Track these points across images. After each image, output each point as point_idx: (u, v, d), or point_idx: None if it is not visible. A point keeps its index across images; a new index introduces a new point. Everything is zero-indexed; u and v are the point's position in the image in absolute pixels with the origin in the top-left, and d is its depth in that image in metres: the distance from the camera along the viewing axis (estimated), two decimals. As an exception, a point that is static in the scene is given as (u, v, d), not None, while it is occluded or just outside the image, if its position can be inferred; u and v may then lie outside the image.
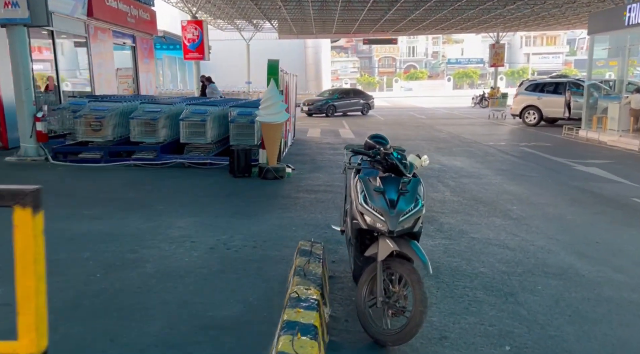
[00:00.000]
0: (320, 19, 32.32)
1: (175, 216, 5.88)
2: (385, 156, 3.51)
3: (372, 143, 4.47)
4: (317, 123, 20.69)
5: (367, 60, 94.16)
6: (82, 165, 8.82)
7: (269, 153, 8.44)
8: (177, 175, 8.42)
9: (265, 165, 8.40)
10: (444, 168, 9.93)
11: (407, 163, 3.55)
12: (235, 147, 8.55)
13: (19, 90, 8.80)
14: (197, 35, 20.84)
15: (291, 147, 12.67)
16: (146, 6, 17.64)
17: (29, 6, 8.40)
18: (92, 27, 13.85)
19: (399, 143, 14.54)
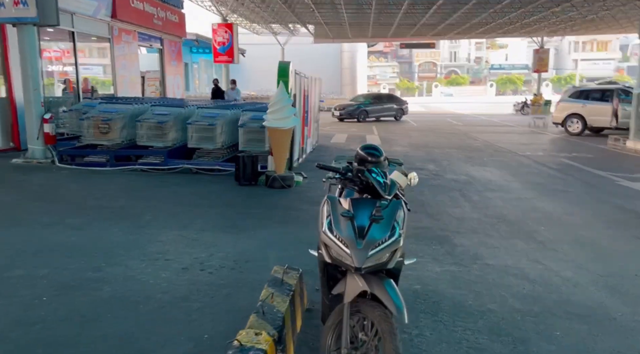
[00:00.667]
0: (355, 23, 31.75)
1: (160, 229, 5.43)
2: (358, 172, 2.90)
3: (363, 154, 3.84)
4: (346, 129, 20.09)
5: (407, 65, 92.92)
6: (87, 169, 8.54)
7: (276, 160, 7.93)
8: (180, 181, 8.01)
9: (272, 173, 7.88)
10: (470, 180, 9.16)
11: (388, 182, 2.92)
12: (242, 153, 8.08)
13: (28, 90, 8.62)
14: (227, 38, 20.64)
15: (311, 153, 12.13)
16: (174, 8, 17.53)
17: (37, 5, 8.20)
18: (116, 28, 13.75)
19: (426, 152, 13.84)
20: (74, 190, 7.20)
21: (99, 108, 9.11)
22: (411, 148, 13.86)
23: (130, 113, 9.10)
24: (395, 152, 12.93)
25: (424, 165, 10.91)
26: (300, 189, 7.93)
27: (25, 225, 5.41)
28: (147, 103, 9.65)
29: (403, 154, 12.60)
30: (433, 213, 6.69)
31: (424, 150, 13.63)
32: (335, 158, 4.16)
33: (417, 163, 11.08)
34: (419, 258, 4.88)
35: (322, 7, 26.71)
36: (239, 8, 26.39)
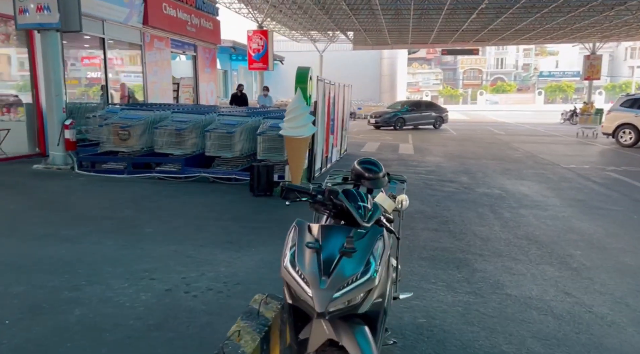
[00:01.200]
0: (395, 29, 31.19)
1: (157, 243, 5.13)
2: (330, 194, 2.47)
3: (360, 169, 3.41)
4: (380, 137, 19.55)
5: (451, 72, 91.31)
6: (104, 176, 8.43)
7: (292, 170, 7.55)
8: (193, 191, 7.76)
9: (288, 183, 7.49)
10: (503, 195, 8.50)
11: (368, 206, 2.46)
12: (258, 162, 7.75)
13: (50, 96, 8.62)
14: (262, 45, 20.55)
15: (337, 162, 11.70)
16: (209, 15, 17.55)
17: (60, 11, 8.17)
18: (148, 35, 13.80)
19: (460, 162, 13.15)
20: (83, 198, 7.05)
21: (119, 115, 9.01)
22: (445, 159, 13.21)
23: (150, 119, 8.96)
24: (427, 162, 12.34)
25: (455, 177, 10.29)
26: (317, 201, 7.51)
27: (17, 235, 5.24)
28: (168, 110, 9.50)
29: (435, 165, 11.99)
30: (456, 231, 6.13)
31: (459, 160, 12.95)
32: (330, 173, 3.73)
33: (448, 175, 10.47)
34: (431, 285, 4.38)
35: (359, 14, 26.32)
36: (277, 15, 26.37)
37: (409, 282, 4.37)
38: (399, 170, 10.78)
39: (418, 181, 9.64)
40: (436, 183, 9.51)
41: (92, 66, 12.32)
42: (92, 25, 11.33)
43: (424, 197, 8.12)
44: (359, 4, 23.84)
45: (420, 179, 9.85)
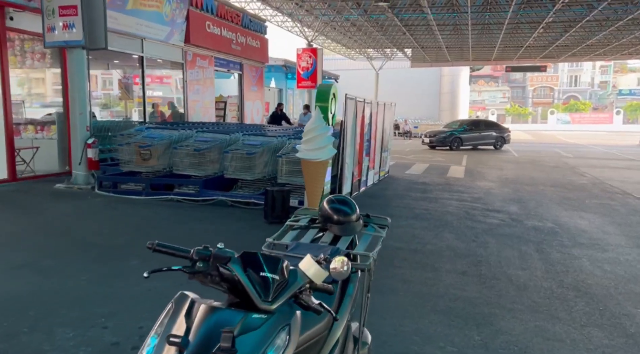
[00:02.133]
0: (454, 45, 30.05)
1: (134, 279, 4.59)
2: (216, 262, 1.77)
3: (327, 210, 2.72)
4: (431, 158, 18.49)
5: (519, 90, 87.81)
6: (123, 197, 8.14)
7: (309, 196, 6.89)
8: (205, 216, 7.26)
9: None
10: (556, 230, 7.39)
11: (277, 278, 1.71)
12: (272, 186, 7.16)
13: (74, 114, 8.50)
14: (311, 63, 20.19)
15: (375, 186, 10.91)
16: (256, 34, 17.40)
17: (84, 28, 8.06)
18: (190, 53, 13.73)
19: (514, 189, 11.94)
20: (87, 222, 6.72)
21: (142, 134, 8.76)
22: (497, 184, 12.06)
23: (173, 139, 8.63)
24: (476, 188, 11.27)
25: (504, 206, 9.20)
26: (336, 232, 6.78)
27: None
28: (193, 129, 9.15)
29: (484, 191, 10.91)
30: (488, 276, 5.19)
31: (513, 186, 11.76)
32: (296, 213, 3.03)
33: (496, 203, 9.40)
34: (436, 350, 3.53)
35: (415, 30, 25.50)
36: (331, 32, 26.05)
37: (408, 345, 3.55)
38: (438, 197, 9.83)
39: (459, 210, 8.67)
40: (480, 213, 8.50)
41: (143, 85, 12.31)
42: (129, 44, 11.33)
43: (461, 230, 7.17)
44: (414, 21, 23.05)
45: (463, 208, 8.87)
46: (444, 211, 8.53)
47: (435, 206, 8.89)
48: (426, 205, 8.97)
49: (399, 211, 8.41)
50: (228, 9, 15.48)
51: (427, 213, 8.29)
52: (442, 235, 6.88)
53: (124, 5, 10.82)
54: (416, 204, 9.07)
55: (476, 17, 21.04)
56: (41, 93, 10.78)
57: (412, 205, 8.95)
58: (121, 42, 11.04)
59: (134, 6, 11.13)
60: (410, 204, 9.06)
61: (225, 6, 15.36)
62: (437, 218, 7.98)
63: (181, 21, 13.00)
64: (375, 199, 9.41)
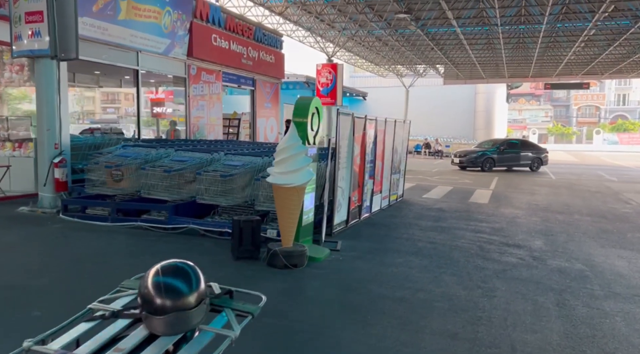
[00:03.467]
0: (489, 61, 28.62)
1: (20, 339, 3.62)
2: None
3: (149, 289, 1.64)
4: (457, 180, 17.09)
5: (563, 109, 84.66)
6: (86, 223, 7.30)
7: (282, 228, 5.82)
8: (167, 248, 6.30)
9: (277, 245, 5.77)
10: (586, 272, 6.05)
11: None
12: (239, 216, 6.15)
13: (42, 131, 7.78)
14: (331, 79, 19.28)
15: (381, 212, 9.73)
16: (270, 48, 16.63)
17: (52, 36, 7.35)
18: (194, 67, 13.03)
19: (543, 218, 10.46)
20: (24, 254, 5.85)
21: (115, 153, 7.95)
22: (525, 211, 10.65)
23: (149, 158, 7.77)
24: (499, 216, 9.92)
25: (527, 239, 7.86)
26: (317, 269, 5.69)
27: None
28: (174, 148, 8.29)
29: (508, 220, 9.56)
30: (485, 342, 3.97)
31: (542, 214, 10.34)
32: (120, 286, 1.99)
33: (518, 236, 8.07)
34: None
35: (445, 46, 24.31)
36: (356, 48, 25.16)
37: None
38: (452, 226, 8.57)
39: (472, 244, 7.40)
40: (496, 248, 7.21)
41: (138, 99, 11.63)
42: (122, 56, 10.67)
43: (467, 272, 5.93)
44: (442, 35, 21.88)
45: (477, 241, 7.59)
46: (453, 245, 7.29)
47: (444, 239, 7.65)
48: (434, 237, 7.75)
49: (399, 244, 7.22)
50: (238, 22, 14.78)
51: (432, 248, 7.07)
52: (442, 278, 5.66)
53: (115, 15, 10.18)
54: (422, 235, 7.85)
55: (508, 30, 19.71)
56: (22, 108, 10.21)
57: (417, 237, 7.73)
58: (113, 55, 10.39)
59: (127, 17, 10.50)
60: (416, 235, 7.85)
61: (235, 19, 14.67)
62: (442, 254, 6.75)
63: (183, 33, 12.33)
64: (376, 228, 8.24)
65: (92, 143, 10.16)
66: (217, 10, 13.68)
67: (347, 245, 6.91)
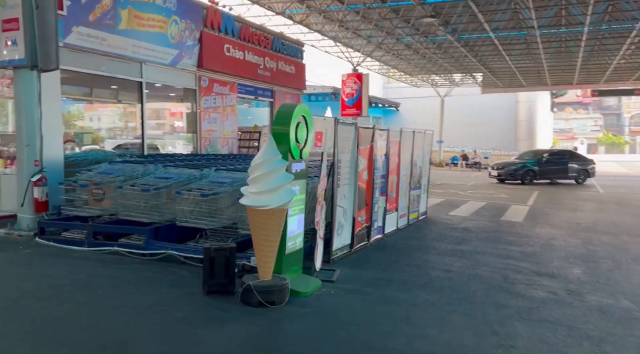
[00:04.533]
0: (529, 68, 27.07)
1: None
2: None
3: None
4: (492, 194, 15.77)
5: (613, 118, 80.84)
6: (62, 248, 6.65)
7: (258, 257, 4.94)
8: (136, 276, 5.53)
9: (252, 279, 4.90)
10: (634, 313, 4.90)
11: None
12: (212, 243, 5.34)
13: (21, 146, 7.24)
14: (356, 89, 18.42)
15: (396, 233, 8.72)
16: (290, 58, 15.93)
17: (27, 45, 6.83)
18: (206, 79, 12.44)
19: (585, 240, 9.19)
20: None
21: (99, 170, 7.32)
22: (564, 232, 9.39)
23: (134, 175, 7.10)
24: (533, 238, 8.74)
25: (562, 268, 6.69)
26: (298, 309, 4.76)
27: None
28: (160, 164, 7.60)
29: (543, 242, 8.37)
30: None
31: (584, 235, 9.06)
32: None
33: (553, 263, 6.92)
34: None
35: (480, 52, 23.03)
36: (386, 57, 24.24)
37: None
38: (475, 250, 7.48)
39: (495, 273, 6.31)
40: (524, 278, 6.09)
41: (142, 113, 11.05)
42: (123, 68, 10.16)
43: (483, 310, 4.88)
44: (475, 41, 20.68)
45: (502, 269, 6.49)
46: (473, 274, 6.22)
47: (463, 266, 6.59)
48: (451, 264, 6.69)
49: (408, 273, 6.21)
50: (254, 32, 14.16)
51: (446, 278, 6.03)
52: (450, 319, 4.64)
53: (115, 25, 9.70)
54: (438, 262, 6.81)
55: (547, 34, 18.33)
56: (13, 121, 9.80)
57: (432, 263, 6.69)
58: (113, 66, 9.89)
59: (128, 26, 10.00)
60: (430, 261, 6.81)
61: (250, 28, 14.06)
62: (457, 286, 5.71)
63: (192, 43, 11.78)
64: (385, 253, 7.24)
65: (92, 159, 9.62)
66: (230, 19, 13.10)
67: (345, 275, 5.97)
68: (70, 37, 8.85)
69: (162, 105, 13.35)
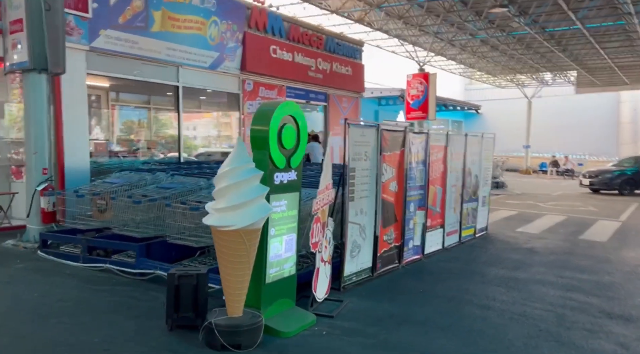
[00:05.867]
0: (632, 63, 23.95)
1: None
2: None
3: None
4: (578, 207, 13.67)
5: None
6: (59, 262, 6.19)
7: (225, 290, 4.04)
8: (109, 301, 4.85)
9: (219, 314, 4.01)
10: None
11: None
12: (179, 269, 4.52)
13: (29, 154, 6.93)
14: (422, 90, 17.01)
15: (442, 252, 7.43)
16: (346, 59, 14.94)
17: (32, 48, 6.51)
18: (250, 82, 11.84)
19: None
20: None
21: (107, 179, 6.85)
22: (659, 256, 7.57)
23: (140, 184, 6.53)
24: (616, 263, 7.09)
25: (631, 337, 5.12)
26: None
27: None
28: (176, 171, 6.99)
29: (628, 269, 6.71)
30: None
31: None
32: None
33: (634, 300, 5.36)
34: None
35: (569, 46, 20.57)
36: (458, 55, 22.52)
37: None
38: (532, 278, 6.04)
39: (550, 310, 4.93)
40: (585, 321, 4.67)
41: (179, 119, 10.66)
42: (158, 72, 9.79)
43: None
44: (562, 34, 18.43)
45: (561, 306, 5.08)
46: (518, 312, 4.88)
47: (508, 301, 5.25)
48: (495, 297, 5.38)
49: (433, 307, 5.00)
50: (305, 32, 13.37)
51: (480, 317, 4.76)
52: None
53: (147, 27, 9.34)
54: (479, 293, 5.51)
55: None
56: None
57: (469, 295, 5.41)
58: (147, 70, 9.54)
59: (162, 28, 9.60)
60: (468, 292, 5.53)
61: (300, 28, 13.30)
62: (490, 330, 4.44)
63: (234, 45, 11.22)
64: (416, 279, 6.03)
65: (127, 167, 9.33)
66: (277, 19, 12.42)
67: (354, 308, 4.91)
68: (97, 41, 8.58)
69: (202, 110, 13.01)
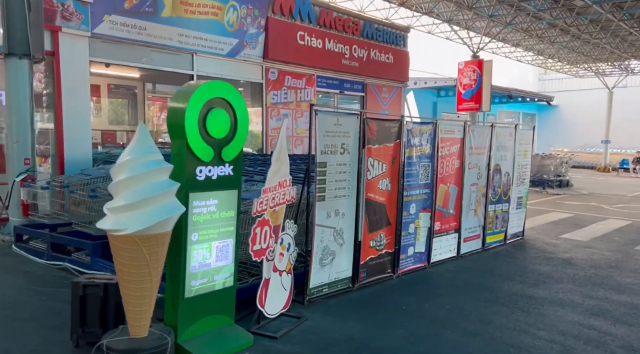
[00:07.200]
0: None
1: None
2: None
3: None
4: None
5: None
6: (25, 258, 5.84)
7: (125, 305, 3.36)
8: (37, 307, 4.33)
9: (120, 334, 3.35)
10: None
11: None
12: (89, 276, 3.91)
13: (11, 143, 6.63)
14: (475, 79, 15.55)
15: (459, 260, 6.35)
16: (386, 46, 13.85)
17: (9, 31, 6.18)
18: (275, 71, 11.17)
19: None
20: None
21: (87, 171, 6.43)
22: None
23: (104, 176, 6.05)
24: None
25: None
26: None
27: None
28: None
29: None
30: None
31: None
32: None
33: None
34: None
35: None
36: (523, 40, 20.58)
37: None
38: (556, 298, 4.89)
39: (557, 342, 3.85)
40: (603, 367, 3.55)
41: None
42: (170, 60, 9.36)
43: None
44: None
45: (574, 336, 3.96)
46: (512, 343, 3.83)
47: (507, 326, 4.19)
48: (491, 320, 4.32)
49: (407, 331, 4.05)
50: (338, 16, 12.48)
51: (462, 346, 3.77)
52: None
53: (156, 12, 8.90)
54: (475, 313, 4.47)
55: None
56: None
57: (460, 317, 4.38)
58: (157, 58, 9.13)
59: (173, 13, 9.14)
60: (462, 312, 4.50)
61: (333, 12, 12.42)
62: (467, 371, 3.45)
63: (256, 32, 10.58)
64: (405, 293, 5.06)
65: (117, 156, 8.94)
66: (305, 3, 11.62)
67: (309, 327, 4.09)
68: (100, 27, 8.24)
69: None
